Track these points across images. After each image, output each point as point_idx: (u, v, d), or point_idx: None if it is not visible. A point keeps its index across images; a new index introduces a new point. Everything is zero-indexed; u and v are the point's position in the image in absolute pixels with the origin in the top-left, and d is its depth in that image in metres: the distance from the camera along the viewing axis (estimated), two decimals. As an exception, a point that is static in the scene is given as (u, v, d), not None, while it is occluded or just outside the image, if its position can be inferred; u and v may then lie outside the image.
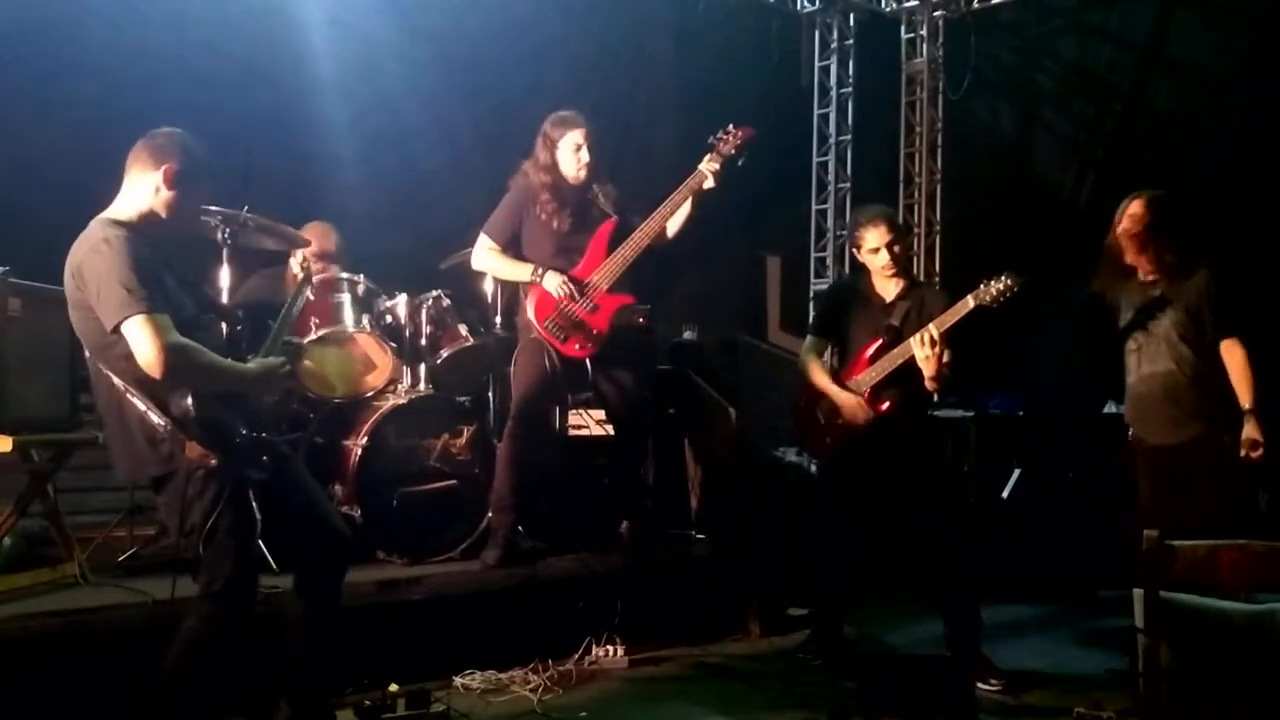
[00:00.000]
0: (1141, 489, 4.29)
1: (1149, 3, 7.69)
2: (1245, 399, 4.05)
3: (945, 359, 4.22)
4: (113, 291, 2.85)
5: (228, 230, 4.04)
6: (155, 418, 2.92)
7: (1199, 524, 3.97)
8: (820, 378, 4.48)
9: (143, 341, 2.83)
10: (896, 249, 4.39)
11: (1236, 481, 4.08)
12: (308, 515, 3.27)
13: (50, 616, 3.59)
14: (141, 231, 3.04)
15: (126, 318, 2.83)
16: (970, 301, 4.13)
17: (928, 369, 4.12)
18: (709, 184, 4.42)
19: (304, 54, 6.22)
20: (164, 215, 3.09)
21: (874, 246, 4.36)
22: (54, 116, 5.44)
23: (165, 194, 3.07)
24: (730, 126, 4.46)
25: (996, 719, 3.92)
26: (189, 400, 2.89)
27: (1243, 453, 4.01)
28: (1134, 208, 4.19)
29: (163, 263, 3.07)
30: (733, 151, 4.42)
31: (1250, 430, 4.02)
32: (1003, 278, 4.08)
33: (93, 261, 2.90)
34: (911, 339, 4.15)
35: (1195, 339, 4.12)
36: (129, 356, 2.87)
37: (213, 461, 2.91)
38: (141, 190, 3.08)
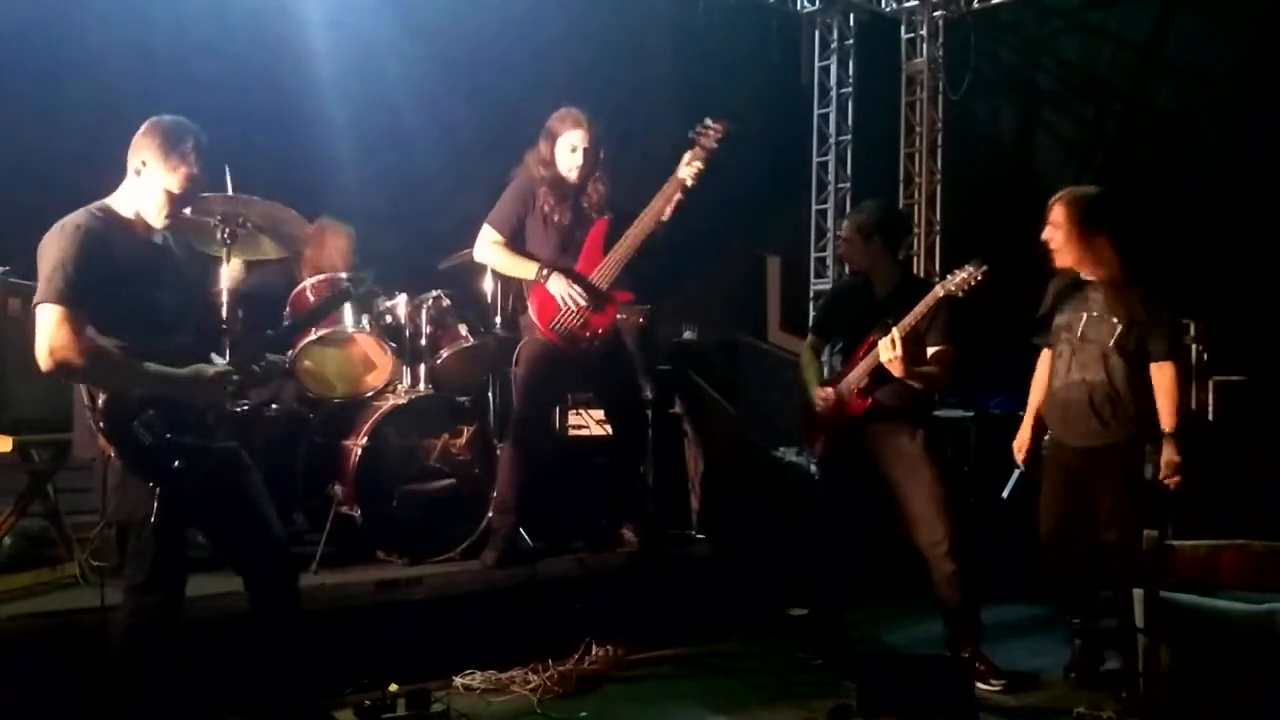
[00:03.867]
0: (1047, 491, 4.31)
1: (1149, 3, 7.70)
2: (1168, 422, 4.03)
3: (939, 359, 4.24)
4: (44, 270, 2.92)
5: (226, 230, 4.03)
6: (84, 398, 2.95)
7: (1104, 526, 4.01)
8: (805, 374, 4.52)
9: (41, 329, 2.88)
10: (870, 250, 4.42)
11: (1144, 491, 4.07)
12: (245, 525, 3.22)
13: (50, 616, 3.59)
14: (123, 222, 3.04)
15: (39, 302, 2.90)
16: (939, 291, 4.11)
17: (894, 370, 4.11)
18: (691, 183, 4.38)
19: (304, 54, 6.22)
20: (144, 209, 3.07)
21: (844, 238, 4.43)
22: (54, 116, 5.44)
23: (145, 182, 3.05)
24: (708, 120, 4.38)
25: (996, 719, 3.92)
26: (101, 393, 2.91)
27: (1161, 475, 3.99)
28: (1055, 213, 4.11)
29: (138, 258, 3.04)
30: (715, 146, 4.35)
31: (1170, 453, 4.02)
32: (966, 266, 4.06)
33: (47, 239, 2.96)
34: (880, 342, 4.14)
35: (1132, 353, 4.07)
36: None
37: (111, 455, 2.92)
38: (127, 181, 3.08)
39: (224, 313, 3.63)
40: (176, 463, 2.93)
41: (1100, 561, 4.15)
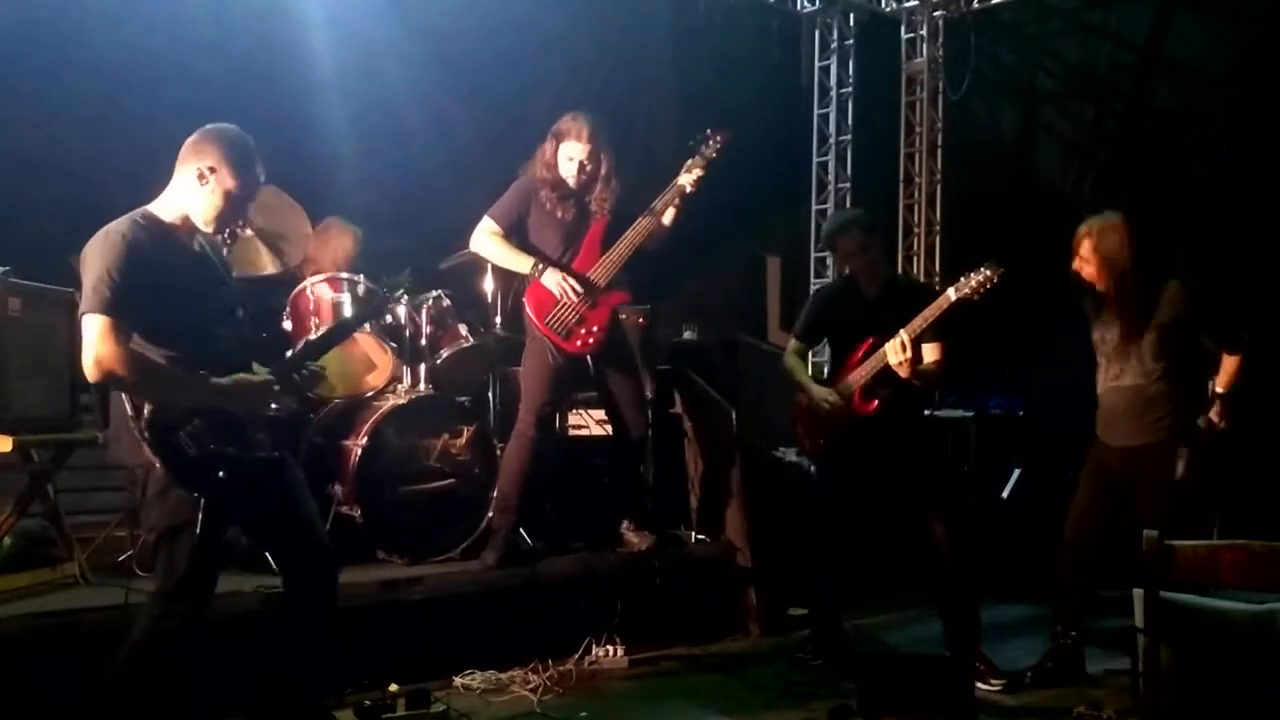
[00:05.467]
0: (1082, 487, 4.35)
1: (1149, 3, 7.69)
2: (1222, 387, 4.24)
3: (935, 358, 4.27)
4: (88, 281, 2.90)
5: (227, 231, 4.02)
6: (127, 407, 2.94)
7: (1142, 525, 4.06)
8: (798, 375, 4.52)
9: (88, 340, 2.87)
10: (872, 251, 4.43)
11: (1181, 491, 4.16)
12: (289, 528, 3.25)
13: (50, 616, 3.59)
14: (167, 230, 3.05)
15: (85, 312, 2.88)
16: (951, 294, 4.13)
17: (902, 372, 4.13)
18: (690, 190, 4.45)
19: (304, 54, 6.21)
20: (198, 214, 3.09)
21: (849, 251, 4.40)
22: (54, 116, 5.43)
23: (201, 192, 3.06)
24: (709, 130, 4.48)
25: (996, 719, 3.92)
26: (146, 404, 2.90)
27: (1214, 418, 4.17)
28: (1084, 248, 4.19)
29: (180, 266, 3.06)
30: (714, 156, 4.45)
31: (1219, 408, 4.22)
32: (982, 269, 4.10)
33: (90, 248, 2.95)
34: (887, 345, 4.15)
35: (1170, 354, 4.15)
36: None
37: (157, 465, 2.92)
38: (178, 187, 3.09)
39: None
40: (220, 474, 2.94)
41: (1118, 559, 4.18)
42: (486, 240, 4.55)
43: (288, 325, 4.73)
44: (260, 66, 5.94)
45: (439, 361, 4.96)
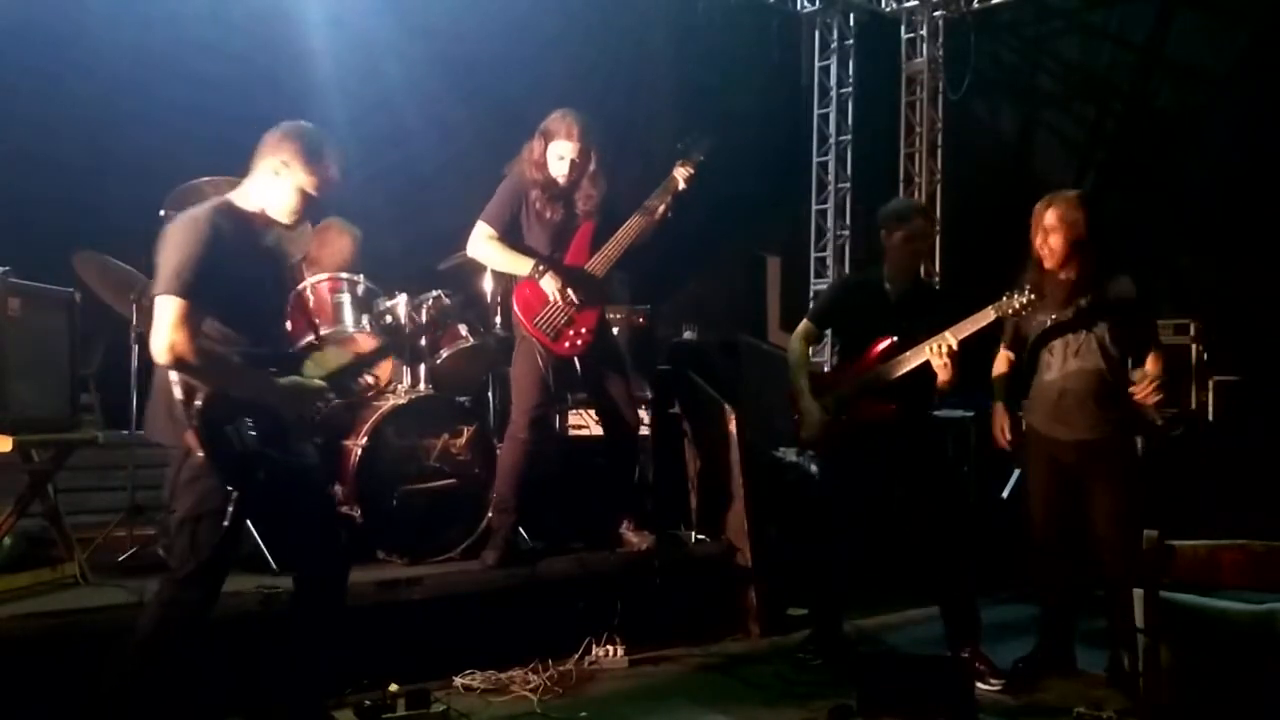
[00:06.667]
0: (1039, 490, 4.34)
1: (1149, 3, 7.70)
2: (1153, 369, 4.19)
3: None
4: (166, 264, 2.95)
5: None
6: (177, 391, 2.95)
7: (1102, 519, 4.08)
8: (796, 375, 4.50)
9: (161, 323, 2.90)
10: (925, 244, 4.48)
11: (1138, 479, 4.17)
12: (312, 535, 3.28)
13: (50, 616, 3.59)
14: (246, 220, 3.11)
15: (160, 293, 2.92)
16: (991, 313, 4.13)
17: (943, 375, 4.14)
18: (683, 188, 4.49)
19: (304, 54, 6.22)
20: (274, 207, 3.15)
21: (902, 238, 4.35)
22: (54, 116, 5.44)
23: (276, 186, 3.13)
24: (698, 133, 4.56)
25: (996, 719, 3.92)
26: (200, 392, 2.93)
27: (1142, 391, 4.11)
28: (1048, 218, 4.15)
29: (253, 257, 3.12)
30: (702, 158, 4.50)
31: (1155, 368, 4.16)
32: (1027, 290, 4.08)
33: (173, 230, 3.01)
34: (927, 344, 4.14)
35: (1124, 343, 4.17)
36: None
37: (199, 455, 2.93)
38: (257, 180, 3.15)
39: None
40: (260, 473, 2.98)
41: (1096, 556, 4.18)
42: (484, 245, 4.54)
43: (287, 325, 4.73)
44: (260, 66, 5.94)
45: (439, 361, 4.96)
